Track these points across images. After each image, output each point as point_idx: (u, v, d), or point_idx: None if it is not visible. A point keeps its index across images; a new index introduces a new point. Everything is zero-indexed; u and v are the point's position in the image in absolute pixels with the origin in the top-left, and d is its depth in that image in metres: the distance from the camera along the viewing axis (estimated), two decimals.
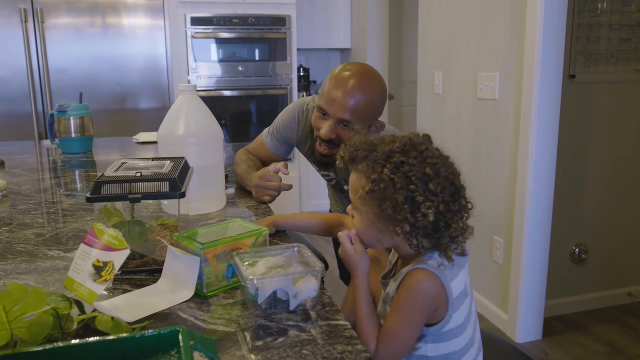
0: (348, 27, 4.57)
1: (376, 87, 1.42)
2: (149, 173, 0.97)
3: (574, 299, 2.83)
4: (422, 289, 0.91)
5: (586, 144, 2.72)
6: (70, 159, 2.18)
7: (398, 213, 0.88)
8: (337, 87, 1.39)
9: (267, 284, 0.79)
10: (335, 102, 1.39)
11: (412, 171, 0.89)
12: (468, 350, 1.05)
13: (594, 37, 2.63)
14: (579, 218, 2.78)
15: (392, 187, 0.89)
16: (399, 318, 0.92)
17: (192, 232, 0.95)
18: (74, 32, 3.53)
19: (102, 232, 0.80)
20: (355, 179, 0.97)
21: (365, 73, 1.43)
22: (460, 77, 2.87)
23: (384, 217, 0.91)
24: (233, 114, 4.17)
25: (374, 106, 1.42)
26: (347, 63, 1.47)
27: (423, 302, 0.92)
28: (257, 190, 1.47)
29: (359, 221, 0.96)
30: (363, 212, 0.94)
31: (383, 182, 0.89)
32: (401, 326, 0.92)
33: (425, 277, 0.91)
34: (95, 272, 0.77)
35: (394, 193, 0.88)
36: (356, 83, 1.39)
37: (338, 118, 1.39)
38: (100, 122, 3.56)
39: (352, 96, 1.38)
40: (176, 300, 0.85)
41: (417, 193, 0.88)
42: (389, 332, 0.92)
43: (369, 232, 0.96)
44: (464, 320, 1.01)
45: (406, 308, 0.92)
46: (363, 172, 0.94)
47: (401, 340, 0.93)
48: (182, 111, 1.33)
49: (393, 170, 0.90)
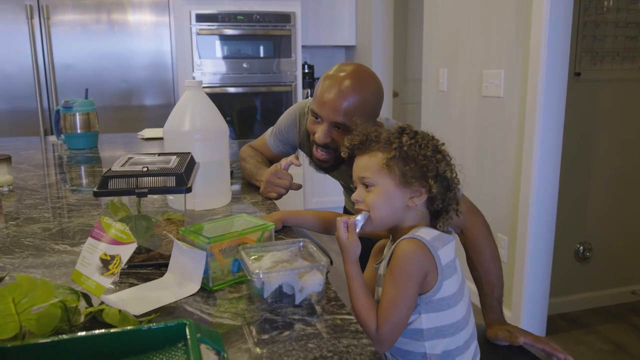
0: (353, 24, 4.56)
1: (369, 87, 1.37)
2: (156, 168, 0.97)
3: (578, 297, 2.83)
4: (410, 255, 0.98)
5: (591, 142, 2.71)
6: (76, 155, 2.19)
7: (429, 162, 1.01)
8: (329, 89, 1.35)
9: (272, 277, 0.80)
10: (326, 105, 1.34)
11: (425, 138, 1.05)
12: (462, 328, 1.08)
13: (599, 34, 2.62)
14: (583, 216, 2.77)
15: (416, 147, 1.02)
16: (393, 290, 0.97)
17: (198, 227, 0.95)
18: (80, 28, 3.54)
19: (109, 225, 0.81)
20: (367, 158, 1.05)
21: (358, 73, 1.38)
22: (465, 75, 2.87)
23: (410, 174, 1.01)
24: (237, 110, 4.18)
25: (368, 107, 1.37)
26: (341, 63, 1.43)
27: (413, 269, 0.98)
28: (266, 186, 1.46)
29: (376, 194, 1.03)
30: (381, 183, 1.02)
31: (405, 145, 1.02)
32: (397, 298, 0.97)
33: (412, 244, 0.99)
34: (102, 266, 0.78)
35: (421, 149, 1.02)
36: (348, 84, 1.34)
37: (331, 121, 1.35)
38: (106, 119, 3.57)
39: (344, 98, 1.33)
40: (182, 294, 0.86)
41: (437, 153, 1.03)
42: (386, 307, 0.97)
43: (385, 202, 1.02)
44: (457, 291, 1.06)
45: (398, 279, 0.97)
46: (379, 149, 1.04)
47: (400, 313, 0.97)
48: (187, 107, 1.33)
49: (411, 138, 1.04)
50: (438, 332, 1.04)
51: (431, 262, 1.00)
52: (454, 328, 1.06)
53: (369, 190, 1.04)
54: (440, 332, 1.04)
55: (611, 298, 2.88)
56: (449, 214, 1.06)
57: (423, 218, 1.07)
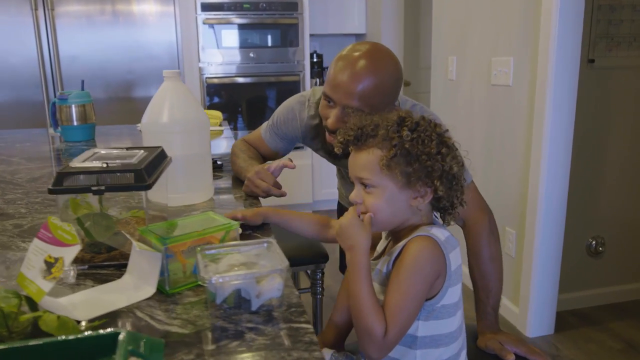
0: (363, 11, 4.47)
1: (387, 69, 1.25)
2: (118, 164, 0.93)
3: (590, 293, 2.74)
4: (425, 254, 0.91)
5: (605, 132, 2.60)
6: (71, 147, 2.17)
7: (433, 163, 0.91)
8: (343, 70, 1.24)
9: (225, 283, 0.74)
10: (340, 87, 1.24)
11: (428, 130, 0.94)
12: (456, 338, 1.02)
13: (615, 19, 2.50)
14: (596, 209, 2.67)
15: (418, 143, 0.92)
16: (404, 290, 0.90)
17: (158, 226, 0.90)
18: (84, 19, 3.52)
19: (56, 226, 0.76)
20: (365, 156, 0.95)
21: (374, 52, 1.25)
22: (474, 62, 2.77)
23: (413, 176, 0.92)
24: (246, 101, 4.13)
25: (386, 90, 1.25)
26: (356, 43, 1.31)
27: (427, 268, 0.92)
28: (247, 183, 1.37)
29: (376, 196, 0.94)
30: (382, 185, 0.94)
31: (406, 142, 0.92)
32: (407, 299, 0.90)
33: (427, 243, 0.92)
34: (46, 269, 0.74)
35: (424, 147, 0.92)
36: (364, 65, 1.22)
37: (344, 105, 1.25)
38: (111, 110, 3.56)
39: (359, 80, 1.22)
40: (137, 298, 0.81)
41: (441, 146, 0.93)
42: (395, 308, 0.89)
43: (387, 205, 0.94)
44: (457, 300, 1.00)
45: (410, 277, 0.90)
46: (376, 145, 0.94)
47: (409, 315, 0.91)
48: (166, 98, 1.28)
49: (411, 131, 0.93)
50: (432, 341, 0.98)
51: (443, 265, 0.94)
52: (449, 338, 1.00)
53: (369, 192, 0.96)
54: (435, 342, 0.98)
55: (624, 294, 2.78)
56: (455, 209, 0.99)
57: (427, 214, 1.00)
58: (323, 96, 1.32)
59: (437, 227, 0.98)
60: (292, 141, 1.61)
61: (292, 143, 1.62)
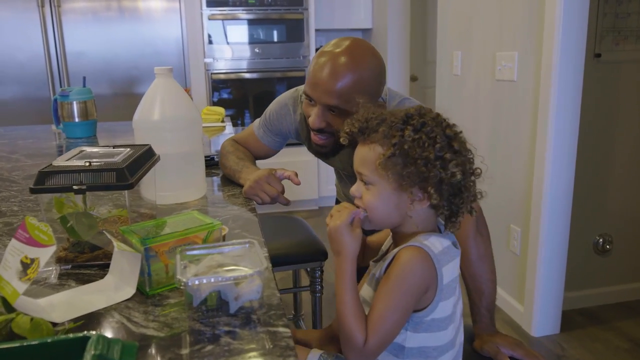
0: (369, 6, 4.43)
1: (366, 64, 1.22)
2: (101, 162, 0.92)
3: (597, 291, 2.69)
4: (413, 266, 0.88)
5: (612, 127, 2.55)
6: (72, 144, 2.17)
7: (429, 170, 0.86)
8: (321, 68, 1.22)
9: (202, 285, 0.73)
10: (319, 85, 1.22)
11: (434, 131, 0.89)
12: (446, 350, 0.98)
13: (622, 12, 2.44)
14: (603, 207, 2.62)
15: (418, 146, 0.87)
16: (388, 300, 0.88)
17: (140, 225, 0.89)
18: (91, 15, 3.53)
19: (34, 226, 0.76)
20: (366, 151, 0.93)
21: (353, 48, 1.23)
22: (479, 57, 2.73)
23: (407, 181, 0.88)
24: (251, 96, 4.12)
25: (366, 87, 1.22)
26: (338, 38, 1.28)
27: (413, 281, 0.88)
28: (253, 186, 1.31)
29: (373, 194, 0.92)
30: (379, 183, 0.91)
31: (406, 142, 0.87)
32: (391, 310, 0.87)
33: (417, 255, 0.89)
34: (22, 269, 0.73)
35: (423, 151, 0.87)
36: (341, 62, 1.20)
37: (324, 104, 1.24)
38: (116, 106, 3.56)
39: (338, 78, 1.19)
40: (116, 299, 0.80)
41: (445, 151, 0.88)
42: (378, 318, 0.88)
43: (383, 204, 0.91)
44: (450, 314, 0.96)
45: (395, 288, 0.88)
46: (378, 141, 0.90)
47: (391, 326, 0.88)
48: (157, 95, 1.27)
49: (415, 131, 0.88)
50: (420, 353, 0.96)
51: (433, 278, 0.91)
52: (437, 351, 0.97)
53: (367, 188, 0.93)
54: (423, 353, 0.96)
55: (632, 293, 2.73)
56: (458, 218, 0.94)
57: (428, 218, 0.96)
58: (304, 94, 1.30)
59: (436, 237, 0.93)
60: (286, 137, 1.59)
61: (285, 139, 1.60)
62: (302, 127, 1.51)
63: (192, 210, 0.97)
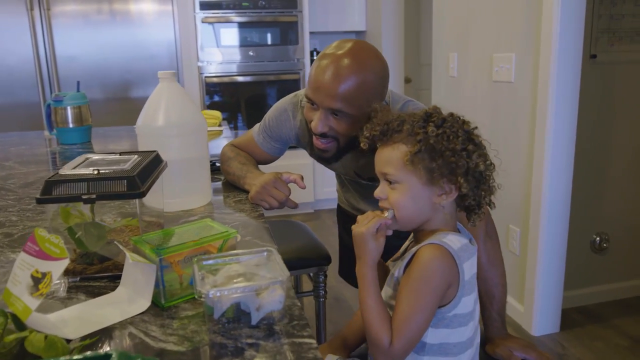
0: (363, 8, 4.42)
1: (370, 67, 1.20)
2: (109, 170, 0.89)
3: (595, 290, 2.70)
4: (435, 265, 0.90)
5: (608, 127, 2.56)
6: (67, 150, 2.13)
7: (457, 160, 0.90)
8: (323, 71, 1.18)
9: (223, 297, 0.71)
10: (320, 89, 1.19)
11: (454, 126, 0.93)
12: (466, 348, 0.99)
13: (616, 13, 2.45)
14: (600, 205, 2.63)
15: (443, 139, 0.91)
16: (412, 301, 0.89)
17: (153, 235, 0.86)
18: (81, 19, 3.48)
19: (44, 238, 0.73)
20: (390, 152, 0.94)
21: (356, 51, 1.20)
22: (476, 59, 2.73)
23: (437, 173, 0.91)
24: (245, 100, 4.09)
25: (370, 90, 1.20)
26: (340, 40, 1.25)
27: (436, 279, 0.90)
28: (260, 191, 1.29)
29: (400, 193, 0.93)
30: (406, 180, 0.93)
31: (431, 137, 0.91)
32: (416, 311, 0.88)
33: (438, 253, 0.90)
34: (33, 284, 0.70)
35: (449, 143, 0.91)
36: (344, 65, 1.17)
37: (326, 107, 1.21)
38: (108, 111, 3.52)
39: (340, 81, 1.16)
40: (130, 312, 0.77)
41: (467, 143, 0.92)
42: (403, 320, 0.88)
43: (412, 201, 0.93)
44: (472, 310, 0.97)
45: (419, 288, 0.89)
46: (401, 140, 0.93)
47: (417, 326, 0.89)
48: (161, 100, 1.24)
49: (437, 127, 0.92)
50: (441, 349, 0.96)
51: (455, 275, 0.92)
52: (458, 348, 0.97)
53: (393, 188, 0.95)
54: (443, 350, 0.96)
55: (629, 290, 2.74)
56: (481, 208, 0.97)
57: (451, 215, 0.99)
58: (306, 98, 1.27)
59: (454, 235, 0.95)
60: (287, 143, 1.56)
61: (286, 145, 1.57)
62: (303, 132, 1.48)
63: (205, 218, 0.94)
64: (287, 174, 1.33)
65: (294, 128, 1.49)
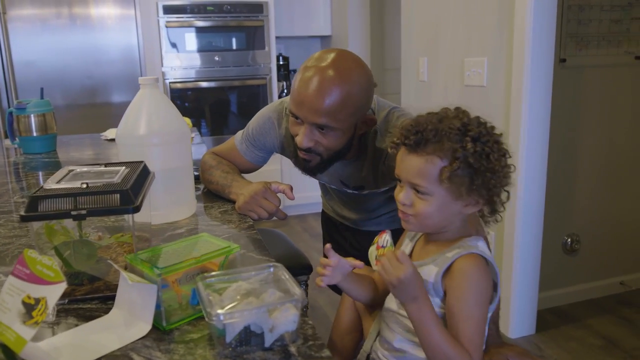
0: (328, 13, 4.41)
1: (354, 78, 1.16)
2: (98, 183, 0.83)
3: (566, 290, 2.75)
4: (481, 276, 0.91)
5: (577, 130, 2.61)
6: (31, 160, 2.02)
7: (497, 181, 0.90)
8: (306, 85, 1.15)
9: (236, 318, 0.66)
10: (304, 104, 1.15)
11: (490, 141, 0.91)
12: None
13: (584, 18, 2.51)
14: (571, 207, 2.68)
15: (482, 158, 0.89)
16: (474, 317, 0.90)
17: (149, 252, 0.81)
18: (39, 23, 3.33)
19: (34, 260, 0.66)
20: (423, 163, 0.90)
21: (339, 62, 1.16)
22: (446, 63, 2.75)
23: (473, 192, 0.90)
24: (210, 105, 4.00)
25: (356, 102, 1.17)
26: (322, 51, 1.22)
27: (486, 287, 0.92)
28: (248, 201, 1.24)
29: (429, 204, 0.92)
30: (437, 194, 0.91)
31: (470, 155, 0.88)
32: (478, 324, 0.90)
33: (480, 264, 0.91)
34: (25, 312, 0.63)
35: (488, 163, 0.89)
36: (327, 78, 1.13)
37: (311, 122, 1.18)
38: (70, 118, 3.38)
39: (324, 95, 1.13)
40: (130, 337, 0.72)
41: (504, 162, 0.92)
42: (471, 336, 0.89)
43: (439, 212, 0.92)
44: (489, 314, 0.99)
45: (476, 300, 0.90)
46: (435, 152, 0.89)
47: (483, 332, 0.92)
48: (142, 108, 1.18)
49: (474, 142, 0.89)
50: None
51: (494, 278, 0.95)
52: None
53: (422, 198, 0.92)
54: None
55: (600, 290, 2.81)
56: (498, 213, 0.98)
57: (472, 219, 1.01)
58: (290, 112, 1.23)
59: (482, 242, 0.96)
60: (270, 152, 1.51)
61: (270, 154, 1.52)
62: (288, 141, 1.44)
63: (191, 231, 0.89)
64: (276, 184, 1.28)
65: (279, 137, 1.44)
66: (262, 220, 1.25)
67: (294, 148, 1.36)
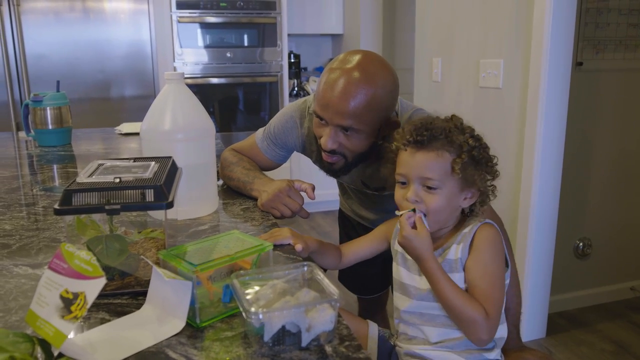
0: (340, 12, 4.40)
1: (379, 81, 1.16)
2: (130, 178, 0.82)
3: (577, 294, 2.74)
4: (497, 238, 1.01)
5: (592, 135, 2.60)
6: (47, 153, 2.02)
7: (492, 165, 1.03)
8: (331, 87, 1.15)
9: (275, 317, 0.65)
10: (329, 106, 1.15)
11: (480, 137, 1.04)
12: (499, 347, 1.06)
13: (602, 22, 2.50)
14: (584, 211, 2.67)
15: (482, 149, 1.01)
16: (491, 270, 0.97)
17: (181, 249, 0.80)
18: (52, 16, 3.33)
19: (72, 254, 0.66)
20: (433, 157, 0.98)
21: (364, 65, 1.16)
22: (461, 64, 2.74)
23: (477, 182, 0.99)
24: (220, 102, 4.00)
25: (381, 104, 1.17)
26: (347, 52, 1.22)
27: (501, 249, 1.01)
28: (272, 199, 1.23)
29: (440, 198, 0.98)
30: (447, 187, 0.98)
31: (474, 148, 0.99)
32: (496, 278, 0.97)
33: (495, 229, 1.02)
34: (63, 306, 0.63)
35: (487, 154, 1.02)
36: (353, 80, 1.14)
37: (336, 124, 1.17)
38: (82, 112, 3.38)
39: (350, 97, 1.13)
40: (164, 334, 0.71)
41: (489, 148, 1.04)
42: (489, 289, 0.95)
43: (448, 206, 0.99)
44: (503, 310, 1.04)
45: (492, 261, 0.98)
46: (443, 147, 0.97)
47: (501, 290, 0.98)
48: (168, 103, 1.17)
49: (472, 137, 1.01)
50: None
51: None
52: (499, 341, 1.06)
53: (433, 193, 0.98)
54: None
55: (611, 295, 2.80)
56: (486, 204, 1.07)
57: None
58: (314, 114, 1.23)
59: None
60: (292, 150, 1.50)
61: (291, 152, 1.51)
62: (310, 141, 1.43)
63: (232, 230, 0.89)
64: (299, 182, 1.28)
65: (301, 136, 1.43)
66: (284, 218, 1.24)
67: (317, 148, 1.35)
